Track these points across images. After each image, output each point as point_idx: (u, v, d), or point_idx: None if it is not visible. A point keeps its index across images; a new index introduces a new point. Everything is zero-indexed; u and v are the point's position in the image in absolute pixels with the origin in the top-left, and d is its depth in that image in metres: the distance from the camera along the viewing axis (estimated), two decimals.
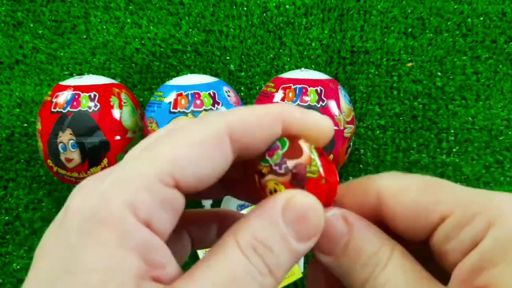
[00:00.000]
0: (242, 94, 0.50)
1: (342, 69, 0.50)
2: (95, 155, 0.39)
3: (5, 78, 0.51)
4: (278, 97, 0.40)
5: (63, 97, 0.40)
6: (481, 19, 0.49)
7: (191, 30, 0.51)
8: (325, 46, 0.50)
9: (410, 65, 0.49)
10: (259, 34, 0.51)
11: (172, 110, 0.39)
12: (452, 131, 0.48)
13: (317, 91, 0.40)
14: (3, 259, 0.48)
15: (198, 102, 0.39)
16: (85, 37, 0.51)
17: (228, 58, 0.51)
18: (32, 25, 0.52)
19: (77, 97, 0.39)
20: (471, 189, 0.14)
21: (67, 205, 0.14)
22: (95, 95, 0.40)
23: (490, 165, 0.47)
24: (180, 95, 0.39)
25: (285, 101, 0.40)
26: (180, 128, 0.15)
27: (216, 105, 0.39)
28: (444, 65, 0.49)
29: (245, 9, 0.51)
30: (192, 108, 0.39)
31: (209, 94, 0.40)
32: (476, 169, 0.47)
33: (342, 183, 0.17)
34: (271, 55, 0.50)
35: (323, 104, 0.39)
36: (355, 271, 0.15)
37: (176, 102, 0.39)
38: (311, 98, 0.39)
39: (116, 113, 0.40)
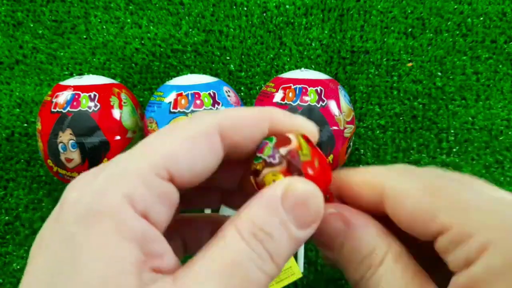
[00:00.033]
0: (242, 94, 0.50)
1: (342, 69, 0.50)
2: (95, 155, 0.39)
3: (5, 78, 0.51)
4: (278, 97, 0.40)
5: (63, 97, 0.40)
6: (481, 19, 0.49)
7: (191, 30, 0.51)
8: (325, 46, 0.50)
9: (410, 65, 0.49)
10: (259, 34, 0.51)
11: (172, 110, 0.39)
12: (452, 131, 0.48)
13: (317, 91, 0.40)
14: (3, 259, 0.48)
15: (198, 102, 0.39)
16: (85, 37, 0.51)
17: (228, 58, 0.51)
18: (32, 25, 0.52)
19: (77, 97, 0.39)
20: (473, 195, 0.14)
21: (62, 200, 0.14)
22: (95, 95, 0.40)
23: (490, 165, 0.47)
24: (180, 95, 0.39)
25: (285, 101, 0.40)
26: (173, 126, 0.15)
27: (216, 105, 0.39)
28: (444, 65, 0.49)
29: (245, 9, 0.51)
30: (192, 108, 0.39)
31: (209, 94, 0.40)
32: (476, 169, 0.47)
33: (348, 170, 0.17)
34: (271, 55, 0.50)
35: (323, 104, 0.39)
36: (350, 270, 0.16)
37: (176, 102, 0.39)
38: (311, 98, 0.39)
39: (116, 113, 0.40)
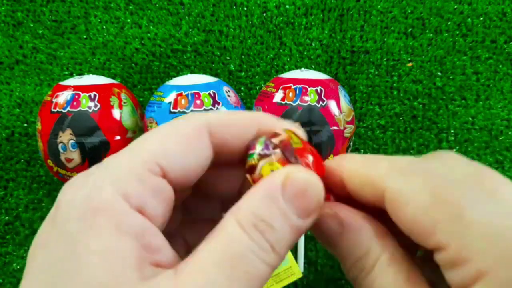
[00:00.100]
0: (242, 94, 0.50)
1: (342, 69, 0.50)
2: (95, 155, 0.39)
3: (5, 78, 0.51)
4: (278, 97, 0.40)
5: (63, 97, 0.40)
6: (481, 19, 0.49)
7: (191, 30, 0.51)
8: (325, 46, 0.50)
9: (410, 65, 0.49)
10: (259, 34, 0.51)
11: (172, 110, 0.39)
12: (452, 131, 0.48)
13: (317, 91, 0.40)
14: (3, 259, 0.48)
15: (198, 102, 0.39)
16: (85, 37, 0.51)
17: (228, 58, 0.51)
18: (32, 25, 0.52)
19: (77, 97, 0.39)
20: (478, 209, 0.13)
21: (57, 201, 0.14)
22: (95, 95, 0.40)
23: (490, 165, 0.47)
24: (180, 95, 0.39)
25: (285, 101, 0.40)
26: (163, 125, 0.16)
27: (216, 105, 0.39)
28: (444, 65, 0.49)
29: (245, 9, 0.51)
30: (192, 108, 0.39)
31: (209, 94, 0.40)
32: None
33: (354, 156, 0.17)
34: (271, 55, 0.50)
35: (323, 104, 0.39)
36: (346, 268, 0.16)
37: (176, 102, 0.39)
38: (311, 98, 0.39)
39: (116, 113, 0.40)
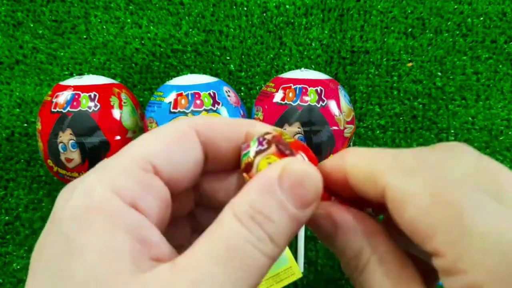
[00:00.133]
0: (242, 94, 0.50)
1: (342, 69, 0.50)
2: (95, 155, 0.39)
3: (5, 78, 0.51)
4: (278, 97, 0.40)
5: (63, 97, 0.40)
6: (481, 19, 0.49)
7: (191, 30, 0.51)
8: (325, 46, 0.50)
9: (410, 65, 0.49)
10: (259, 34, 0.51)
11: (172, 110, 0.39)
12: (452, 131, 0.48)
13: (317, 91, 0.40)
14: (3, 259, 0.48)
15: (198, 102, 0.39)
16: (85, 37, 0.51)
17: (228, 58, 0.51)
18: (32, 25, 0.52)
19: (77, 97, 0.39)
20: (480, 216, 0.13)
21: (55, 205, 0.14)
22: (95, 95, 0.40)
23: None
24: (180, 95, 0.39)
25: (285, 101, 0.40)
26: (154, 129, 0.17)
27: (216, 105, 0.39)
28: (444, 65, 0.49)
29: (245, 9, 0.51)
30: (192, 108, 0.39)
31: (209, 94, 0.40)
32: None
33: (357, 150, 0.17)
34: (271, 55, 0.50)
35: (323, 104, 0.39)
36: (342, 265, 0.16)
37: (176, 102, 0.39)
38: (311, 98, 0.39)
39: (116, 113, 0.40)
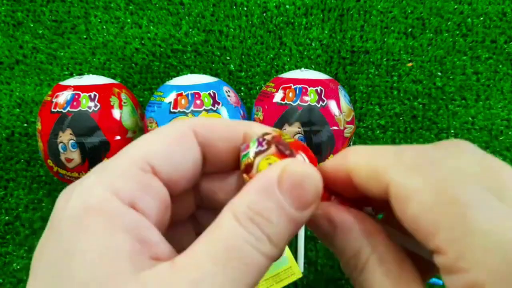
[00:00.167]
0: (242, 94, 0.50)
1: (342, 69, 0.50)
2: (95, 155, 0.39)
3: (5, 78, 0.51)
4: (278, 97, 0.40)
5: (63, 97, 0.40)
6: (481, 19, 0.49)
7: (191, 30, 0.51)
8: (325, 46, 0.50)
9: (410, 65, 0.49)
10: (259, 34, 0.51)
11: (172, 110, 0.39)
12: (452, 131, 0.48)
13: (317, 91, 0.40)
14: (3, 259, 0.48)
15: (198, 102, 0.39)
16: (85, 37, 0.51)
17: (228, 58, 0.51)
18: (32, 25, 0.52)
19: (77, 97, 0.39)
20: (483, 214, 0.13)
21: (55, 207, 0.15)
22: (95, 95, 0.40)
23: None
24: (180, 95, 0.39)
25: (285, 101, 0.40)
26: (152, 131, 0.17)
27: (216, 105, 0.39)
28: (444, 65, 0.49)
29: (245, 9, 0.51)
30: (192, 108, 0.39)
31: (209, 94, 0.40)
32: None
33: (358, 148, 0.17)
34: (271, 55, 0.50)
35: (323, 104, 0.39)
36: (341, 264, 0.17)
37: (176, 102, 0.39)
38: (311, 98, 0.39)
39: (116, 113, 0.40)
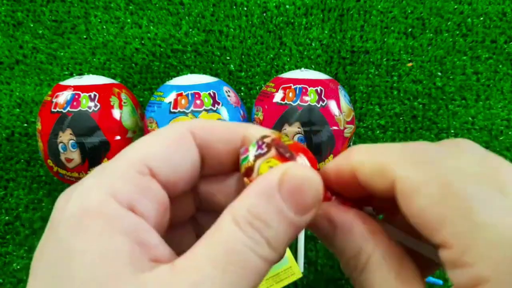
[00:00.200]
0: (242, 94, 0.50)
1: (342, 69, 0.50)
2: (95, 155, 0.39)
3: (5, 78, 0.51)
4: (278, 97, 0.40)
5: (63, 97, 0.40)
6: (481, 19, 0.49)
7: (191, 30, 0.51)
8: (325, 46, 0.50)
9: (410, 65, 0.49)
10: (259, 34, 0.51)
11: (172, 110, 0.39)
12: (452, 131, 0.48)
13: (317, 91, 0.40)
14: (3, 259, 0.48)
15: (198, 102, 0.39)
16: (85, 37, 0.51)
17: (228, 58, 0.51)
18: (32, 25, 0.52)
19: (77, 97, 0.39)
20: (489, 209, 0.13)
21: (54, 209, 0.15)
22: (95, 95, 0.40)
23: None
24: (180, 95, 0.39)
25: (285, 101, 0.40)
26: (150, 133, 0.17)
27: (216, 105, 0.39)
28: (444, 65, 0.49)
29: (245, 9, 0.51)
30: (192, 108, 0.39)
31: (209, 94, 0.40)
32: None
33: (361, 146, 0.17)
34: (271, 55, 0.50)
35: (323, 104, 0.39)
36: (341, 265, 0.17)
37: (176, 102, 0.39)
38: (311, 98, 0.39)
39: (116, 113, 0.40)
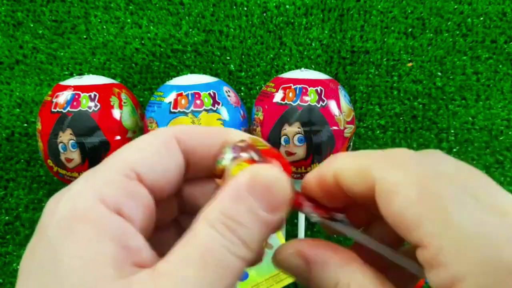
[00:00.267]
0: (242, 94, 0.50)
1: (342, 69, 0.50)
2: (95, 155, 0.39)
3: (5, 78, 0.51)
4: (278, 97, 0.40)
5: (63, 97, 0.40)
6: (481, 19, 0.49)
7: (191, 30, 0.51)
8: (325, 46, 0.50)
9: (410, 65, 0.49)
10: (259, 34, 0.51)
11: (172, 110, 0.39)
12: (452, 131, 0.48)
13: (317, 91, 0.40)
14: (3, 259, 0.48)
15: (198, 102, 0.39)
16: (85, 37, 0.51)
17: (228, 58, 0.51)
18: (32, 25, 0.52)
19: (77, 97, 0.39)
20: (464, 209, 0.13)
21: (43, 213, 0.15)
22: (95, 95, 0.40)
23: (490, 165, 0.47)
24: (180, 95, 0.39)
25: (285, 101, 0.40)
26: (136, 138, 0.17)
27: (216, 105, 0.39)
28: (444, 65, 0.49)
29: (245, 9, 0.51)
30: (192, 108, 0.39)
31: (209, 94, 0.40)
32: None
33: (344, 153, 0.17)
34: (271, 55, 0.50)
35: (323, 104, 0.39)
36: None
37: (176, 102, 0.39)
38: (311, 98, 0.39)
39: (116, 113, 0.40)
